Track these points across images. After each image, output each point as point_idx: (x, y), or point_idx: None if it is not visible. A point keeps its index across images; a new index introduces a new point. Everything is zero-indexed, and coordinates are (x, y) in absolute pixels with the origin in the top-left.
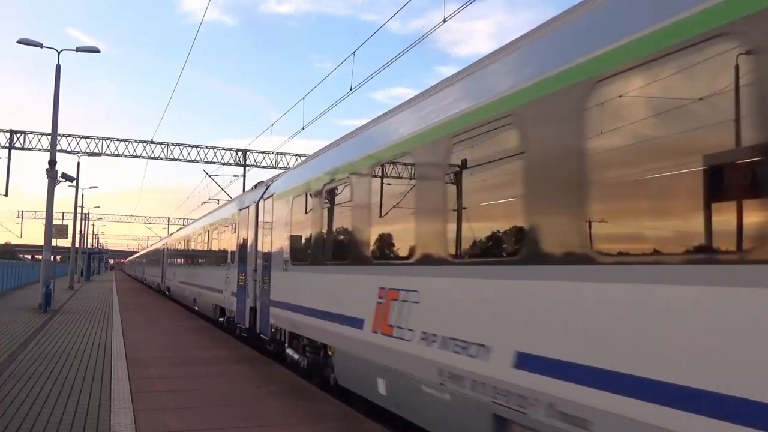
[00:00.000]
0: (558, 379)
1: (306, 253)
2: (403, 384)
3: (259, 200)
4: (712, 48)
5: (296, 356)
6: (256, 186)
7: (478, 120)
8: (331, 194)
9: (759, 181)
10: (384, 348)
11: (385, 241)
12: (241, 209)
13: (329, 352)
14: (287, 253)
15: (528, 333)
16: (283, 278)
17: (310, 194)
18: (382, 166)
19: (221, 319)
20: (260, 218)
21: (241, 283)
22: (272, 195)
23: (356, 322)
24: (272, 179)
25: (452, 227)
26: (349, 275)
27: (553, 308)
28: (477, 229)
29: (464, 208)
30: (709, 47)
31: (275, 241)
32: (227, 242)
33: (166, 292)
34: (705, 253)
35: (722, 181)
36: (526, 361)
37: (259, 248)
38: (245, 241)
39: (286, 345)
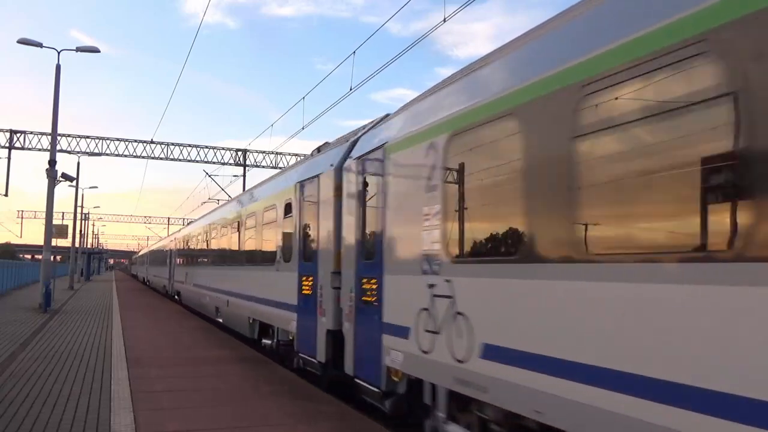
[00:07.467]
0: None
1: (506, 240)
2: None
3: (342, 162)
4: None
5: None
6: (318, 149)
7: None
8: (596, 109)
9: None
10: None
11: None
12: (302, 181)
13: None
14: (438, 242)
15: None
16: (426, 288)
17: (528, 117)
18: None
19: (266, 341)
20: (345, 190)
21: (305, 291)
22: (383, 145)
23: (697, 398)
24: (358, 131)
25: None
26: (669, 286)
27: None
28: None
29: None
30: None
31: (389, 225)
32: (275, 231)
33: (175, 297)
34: None
35: None
36: None
37: (346, 238)
38: (312, 228)
39: (444, 416)
